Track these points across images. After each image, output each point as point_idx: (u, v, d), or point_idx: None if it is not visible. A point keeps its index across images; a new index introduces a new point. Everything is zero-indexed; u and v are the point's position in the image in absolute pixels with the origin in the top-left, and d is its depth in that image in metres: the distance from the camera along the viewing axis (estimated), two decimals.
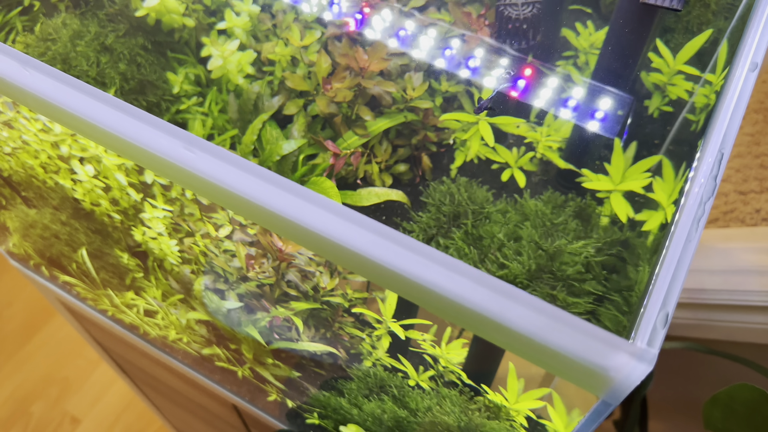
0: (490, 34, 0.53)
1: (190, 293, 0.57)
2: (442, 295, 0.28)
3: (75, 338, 1.75)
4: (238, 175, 0.31)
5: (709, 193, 0.29)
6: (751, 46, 0.35)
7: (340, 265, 0.39)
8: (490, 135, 0.52)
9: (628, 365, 0.25)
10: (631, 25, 0.48)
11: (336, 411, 0.60)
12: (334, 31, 0.53)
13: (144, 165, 0.36)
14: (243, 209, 0.33)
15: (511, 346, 0.28)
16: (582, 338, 0.25)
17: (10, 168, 0.59)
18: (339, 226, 0.30)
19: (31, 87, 0.36)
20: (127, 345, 0.87)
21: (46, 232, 0.65)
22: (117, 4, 0.60)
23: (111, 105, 0.34)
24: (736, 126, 0.31)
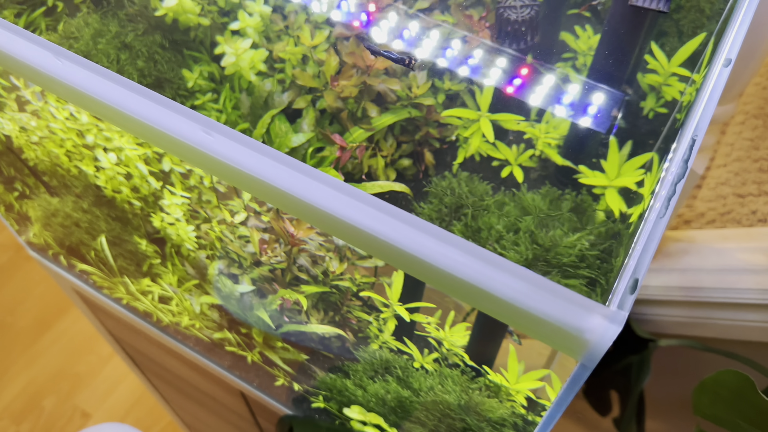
0: (491, 35, 0.56)
1: (204, 278, 0.60)
2: (432, 264, 0.31)
3: (86, 335, 1.79)
4: (253, 156, 0.34)
5: (680, 176, 0.32)
6: (726, 44, 0.38)
7: (342, 238, 0.42)
8: (491, 131, 0.55)
9: (602, 326, 0.28)
10: (623, 27, 0.51)
11: (341, 393, 0.63)
12: (343, 31, 0.56)
13: (165, 149, 0.39)
14: (256, 189, 0.36)
15: (495, 312, 0.30)
16: (560, 302, 0.28)
17: (36, 157, 0.62)
18: (343, 202, 0.33)
19: (63, 76, 0.39)
20: (140, 334, 0.90)
21: (68, 220, 0.69)
22: (136, 5, 0.63)
23: (136, 92, 0.37)
24: (708, 114, 0.34)
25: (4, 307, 1.83)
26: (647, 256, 0.29)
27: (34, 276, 1.88)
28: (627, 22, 0.49)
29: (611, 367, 1.04)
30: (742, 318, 0.85)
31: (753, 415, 0.52)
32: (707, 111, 0.34)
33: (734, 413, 0.54)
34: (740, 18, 0.40)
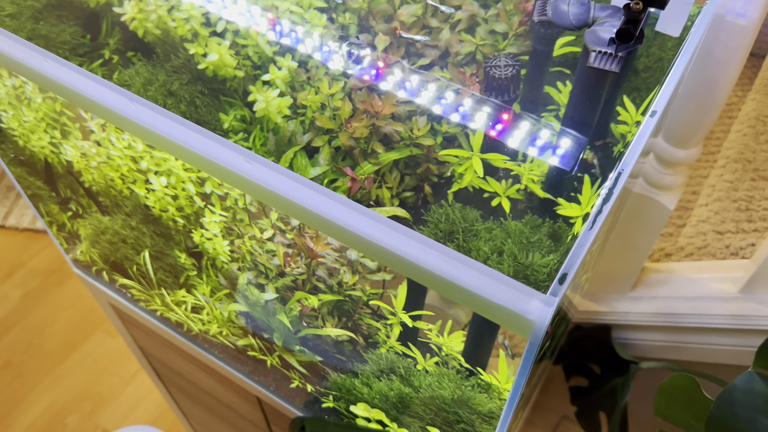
0: (480, 88, 0.67)
1: (234, 287, 0.70)
2: (418, 264, 0.41)
3: (109, 357, 1.89)
4: (284, 180, 0.45)
5: (606, 199, 0.42)
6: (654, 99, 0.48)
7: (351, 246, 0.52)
8: (481, 168, 0.65)
9: (539, 308, 0.37)
10: (587, 83, 0.62)
11: (349, 392, 0.72)
12: (356, 83, 0.67)
13: (214, 174, 0.50)
14: (285, 207, 0.46)
15: (463, 300, 0.40)
16: (510, 291, 0.38)
17: (93, 180, 0.73)
18: (352, 215, 0.43)
19: (136, 117, 0.50)
20: (168, 346, 1.00)
21: (116, 237, 0.80)
22: (181, 59, 0.75)
23: (195, 130, 0.48)
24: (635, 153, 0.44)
25: (33, 329, 1.94)
26: (576, 258, 0.39)
27: (62, 300, 1.99)
28: (590, 80, 0.59)
29: (599, 390, 1.13)
30: (713, 342, 0.94)
31: (700, 412, 0.61)
32: (634, 150, 0.45)
33: (687, 413, 0.63)
34: (667, 78, 0.50)
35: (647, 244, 0.92)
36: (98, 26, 0.75)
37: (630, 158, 0.44)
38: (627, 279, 0.99)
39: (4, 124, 0.79)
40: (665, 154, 0.82)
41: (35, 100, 0.70)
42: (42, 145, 0.77)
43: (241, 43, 0.71)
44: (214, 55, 0.69)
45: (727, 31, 0.67)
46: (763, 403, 0.45)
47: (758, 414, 0.45)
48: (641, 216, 0.88)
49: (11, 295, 2.01)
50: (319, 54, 0.70)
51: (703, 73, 0.72)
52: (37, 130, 0.74)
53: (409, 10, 0.74)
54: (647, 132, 0.46)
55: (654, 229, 0.89)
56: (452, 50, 0.72)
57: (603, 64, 0.55)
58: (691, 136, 0.79)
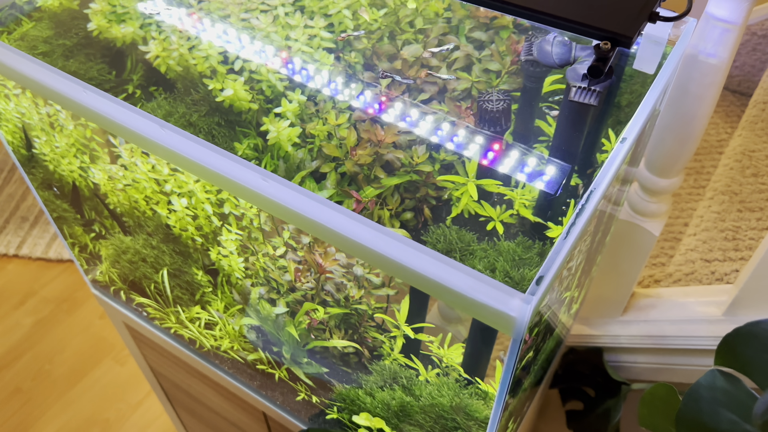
0: (474, 121, 0.74)
1: (247, 302, 0.75)
2: (411, 268, 0.46)
3: (117, 384, 1.93)
4: (298, 197, 0.51)
5: (580, 213, 0.47)
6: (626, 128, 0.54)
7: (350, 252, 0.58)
8: (476, 193, 0.71)
9: (519, 305, 0.43)
10: (571, 115, 0.68)
11: (353, 402, 0.77)
12: (361, 115, 0.74)
13: (233, 192, 0.56)
14: (299, 221, 0.52)
15: (452, 300, 0.46)
16: (494, 291, 0.44)
17: (117, 201, 0.80)
18: (355, 225, 0.49)
19: (166, 142, 0.56)
20: (178, 365, 1.05)
21: (136, 256, 0.86)
22: (200, 93, 0.82)
23: (217, 152, 0.54)
24: (606, 176, 0.50)
25: (43, 356, 1.98)
26: (552, 263, 0.44)
27: (73, 328, 2.04)
28: (573, 113, 0.66)
29: (594, 412, 1.16)
30: (700, 363, 0.98)
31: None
32: (606, 170, 0.50)
33: (666, 420, 0.67)
34: (638, 109, 0.56)
35: (635, 270, 0.97)
36: (123, 63, 0.82)
37: (602, 178, 0.50)
38: (618, 303, 1.04)
39: (36, 150, 0.85)
40: (648, 183, 0.88)
41: (67, 127, 0.77)
42: (71, 169, 0.83)
43: (255, 79, 0.78)
44: (230, 90, 0.75)
45: (700, 69, 0.74)
46: (723, 397, 0.50)
47: (720, 407, 0.50)
48: (628, 242, 0.94)
49: (23, 322, 2.06)
50: (327, 89, 0.77)
51: (680, 108, 0.79)
52: (67, 155, 0.81)
53: (410, 51, 0.81)
54: (618, 155, 0.52)
55: (641, 254, 0.94)
56: (449, 86, 0.78)
57: (582, 98, 0.61)
58: (672, 166, 0.85)
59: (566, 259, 0.48)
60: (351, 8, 0.84)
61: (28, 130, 0.83)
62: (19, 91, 0.78)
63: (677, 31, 0.64)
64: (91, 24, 0.83)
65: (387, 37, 0.83)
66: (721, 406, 0.50)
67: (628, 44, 0.50)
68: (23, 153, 0.89)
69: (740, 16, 0.68)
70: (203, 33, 0.81)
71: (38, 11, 0.83)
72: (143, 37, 0.82)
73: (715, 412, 0.50)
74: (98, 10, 0.84)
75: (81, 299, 2.11)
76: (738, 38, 0.70)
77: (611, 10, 0.51)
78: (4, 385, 1.91)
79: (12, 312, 2.08)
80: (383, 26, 0.83)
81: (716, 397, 0.50)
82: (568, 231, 0.46)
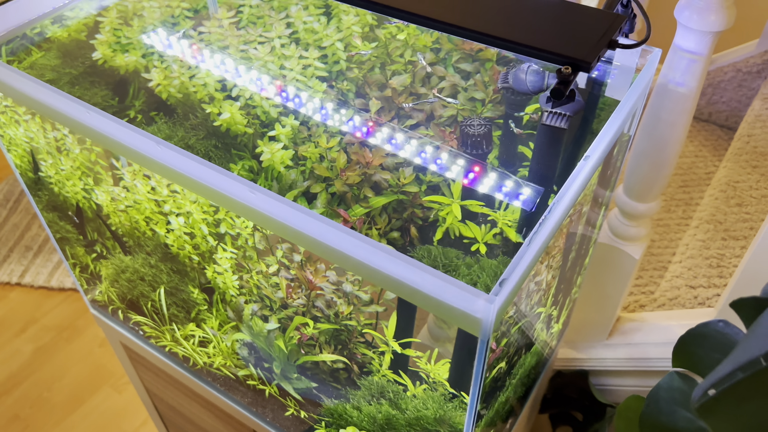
0: (457, 145, 0.78)
1: (240, 318, 0.79)
2: (384, 272, 0.50)
3: (114, 412, 1.94)
4: (284, 209, 0.55)
5: (542, 223, 0.51)
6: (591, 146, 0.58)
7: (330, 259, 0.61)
8: (459, 212, 0.75)
9: (483, 306, 0.46)
10: (546, 139, 0.72)
11: (340, 416, 0.79)
12: (351, 138, 0.78)
13: (223, 204, 0.60)
14: (285, 232, 0.56)
15: (421, 302, 0.49)
16: (461, 292, 0.47)
17: (119, 222, 0.83)
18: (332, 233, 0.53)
19: (162, 158, 0.60)
20: (173, 384, 1.08)
21: (135, 275, 0.89)
22: (199, 118, 0.86)
23: (209, 167, 0.58)
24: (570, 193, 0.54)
25: (43, 383, 2.00)
26: (514, 267, 0.48)
27: (72, 356, 2.06)
28: (546, 136, 0.70)
29: None
30: None
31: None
32: (569, 186, 0.54)
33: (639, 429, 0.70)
34: (602, 130, 0.60)
35: (618, 293, 1.00)
36: (126, 90, 0.87)
37: (564, 192, 0.54)
38: (603, 327, 1.07)
39: (42, 173, 0.90)
40: (627, 208, 0.92)
41: (73, 151, 0.81)
42: (75, 191, 0.87)
43: (251, 105, 0.82)
44: (227, 113, 0.80)
45: (671, 98, 0.78)
46: (680, 396, 0.52)
47: (677, 406, 0.53)
48: (610, 265, 0.97)
49: (23, 350, 2.08)
50: (319, 114, 0.81)
51: (654, 134, 0.83)
52: (72, 177, 0.85)
53: (399, 80, 0.85)
54: (581, 172, 0.56)
55: (623, 277, 0.97)
56: (436, 114, 0.83)
57: (553, 122, 0.65)
58: (649, 191, 0.89)
59: (530, 266, 0.52)
60: (344, 41, 0.89)
61: (35, 154, 0.87)
62: (29, 117, 0.82)
63: (646, 61, 0.69)
64: (97, 53, 0.87)
65: (378, 67, 0.87)
66: (677, 405, 0.53)
67: (588, 69, 0.54)
68: (30, 176, 0.93)
69: (705, 47, 0.73)
70: (203, 63, 0.86)
71: (47, 42, 0.88)
72: (146, 66, 0.87)
73: (672, 412, 0.53)
74: (104, 40, 0.89)
75: (81, 327, 2.14)
76: (704, 68, 0.75)
77: (573, 38, 0.55)
78: (2, 412, 1.93)
79: (13, 339, 2.11)
80: (373, 57, 0.88)
81: (674, 397, 0.53)
82: (531, 239, 0.49)
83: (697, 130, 1.82)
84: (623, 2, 0.62)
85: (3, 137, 0.90)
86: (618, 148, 0.71)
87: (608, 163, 0.71)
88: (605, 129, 0.58)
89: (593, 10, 0.58)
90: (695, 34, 0.72)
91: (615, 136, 0.62)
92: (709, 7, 0.70)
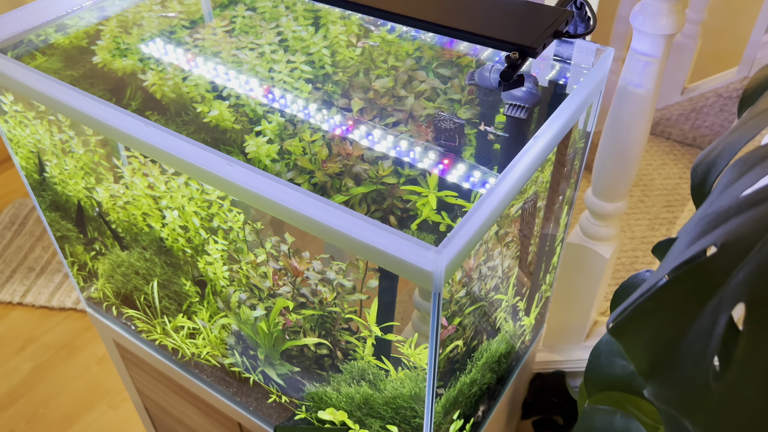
0: (432, 138, 0.83)
1: (229, 306, 0.83)
2: (342, 231, 0.55)
3: (110, 427, 1.96)
4: (258, 179, 0.60)
5: (491, 195, 0.56)
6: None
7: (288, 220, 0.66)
8: (435, 202, 0.80)
9: (433, 258, 0.51)
10: (511, 129, 0.78)
11: (321, 399, 0.83)
12: (332, 134, 0.84)
13: (201, 178, 0.65)
14: (261, 204, 0.61)
15: (375, 258, 0.53)
16: (412, 247, 0.52)
17: (118, 218, 0.89)
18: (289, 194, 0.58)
19: (149, 137, 0.66)
20: (161, 380, 1.11)
21: (130, 269, 0.94)
22: (190, 115, 0.92)
23: (187, 141, 0.64)
24: (516, 168, 0.59)
25: (39, 400, 2.03)
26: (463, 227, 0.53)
27: (69, 374, 2.09)
28: (511, 127, 0.75)
29: None
30: None
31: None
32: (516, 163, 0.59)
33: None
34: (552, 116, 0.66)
35: (591, 293, 1.04)
36: (123, 91, 0.93)
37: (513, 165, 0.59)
38: (579, 328, 1.11)
39: (47, 173, 0.96)
40: (596, 208, 0.97)
41: (77, 151, 0.87)
42: (78, 189, 0.93)
43: (240, 104, 0.89)
44: (216, 110, 0.86)
45: (630, 99, 0.84)
46: (617, 348, 0.56)
47: (615, 357, 0.57)
48: (582, 265, 1.02)
49: (21, 367, 2.11)
50: (304, 113, 0.87)
51: (616, 135, 0.88)
52: (75, 176, 0.91)
53: (381, 83, 0.92)
54: (530, 149, 0.61)
55: (595, 277, 1.02)
56: (416, 114, 0.88)
57: (514, 113, 0.71)
58: (615, 191, 0.94)
59: (479, 230, 0.56)
60: (330, 48, 0.95)
61: (41, 155, 0.93)
62: (37, 121, 0.88)
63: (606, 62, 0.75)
64: (96, 57, 0.94)
65: (362, 72, 0.94)
66: (615, 356, 0.57)
67: (534, 54, 0.60)
68: (35, 177, 0.99)
69: (659, 50, 0.79)
70: (195, 66, 0.93)
71: (50, 48, 0.95)
72: (142, 69, 0.93)
73: (611, 363, 0.57)
74: (104, 46, 0.96)
75: (80, 346, 2.17)
76: (660, 70, 0.81)
77: (524, 29, 0.61)
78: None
79: (12, 357, 2.14)
80: (358, 62, 0.94)
81: (613, 350, 0.57)
82: (480, 203, 0.54)
83: (682, 154, 1.88)
84: (577, 5, 0.69)
85: (12, 141, 0.96)
86: (574, 142, 0.77)
87: (564, 158, 0.76)
88: (555, 114, 0.63)
89: (545, 7, 0.64)
90: (649, 38, 0.78)
91: (567, 124, 0.68)
92: (659, 12, 0.76)
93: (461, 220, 0.53)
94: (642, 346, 0.40)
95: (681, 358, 0.38)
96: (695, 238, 0.40)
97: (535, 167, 0.64)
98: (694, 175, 0.47)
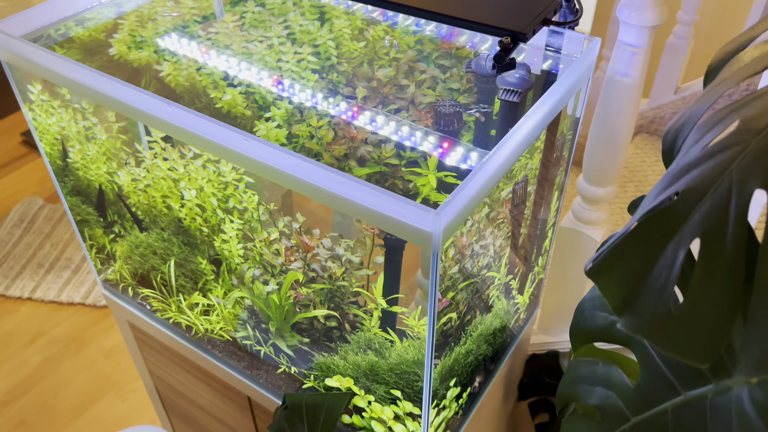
0: (432, 123, 0.89)
1: (243, 283, 0.89)
2: (344, 196, 0.60)
3: (118, 418, 2.01)
4: (275, 153, 0.66)
5: (483, 168, 0.62)
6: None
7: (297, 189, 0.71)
8: (435, 182, 0.85)
9: (432, 220, 0.56)
10: (505, 113, 0.83)
11: (329, 368, 0.88)
12: (338, 118, 0.90)
13: (219, 154, 0.71)
14: (275, 175, 0.67)
15: (376, 222, 0.59)
16: (413, 209, 0.57)
17: (138, 201, 0.94)
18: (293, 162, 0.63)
19: (170, 116, 0.72)
20: (172, 359, 1.17)
21: (148, 249, 1.00)
22: (203, 102, 0.98)
23: (207, 119, 0.69)
24: (507, 144, 0.65)
25: (49, 391, 2.08)
26: (459, 193, 0.58)
27: (79, 365, 2.15)
28: (505, 111, 0.81)
29: (557, 420, 1.26)
30: None
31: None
32: (507, 139, 0.65)
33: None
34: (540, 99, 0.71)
35: (583, 276, 1.10)
36: (139, 81, 0.99)
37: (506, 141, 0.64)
38: (573, 311, 1.16)
39: (70, 159, 1.01)
40: (587, 193, 1.03)
41: (100, 137, 0.93)
42: (99, 174, 0.98)
43: (251, 91, 0.94)
44: (228, 95, 0.92)
45: (617, 88, 0.90)
46: (600, 302, 0.62)
47: (597, 310, 0.62)
48: (574, 249, 1.07)
49: (31, 360, 2.17)
50: (310, 101, 0.93)
51: (605, 123, 0.94)
52: (97, 161, 0.96)
53: (384, 72, 0.98)
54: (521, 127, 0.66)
55: (586, 260, 1.07)
56: (417, 101, 0.94)
57: (508, 97, 0.77)
58: (605, 176, 1.00)
59: (475, 196, 0.62)
60: (336, 40, 1.01)
61: (65, 142, 0.99)
62: (62, 109, 0.94)
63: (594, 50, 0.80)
64: (113, 49, 1.00)
65: (366, 63, 1.00)
66: (597, 309, 0.62)
67: (524, 39, 0.66)
68: (59, 163, 1.05)
69: (644, 41, 0.85)
70: (208, 57, 0.99)
71: (69, 41, 1.01)
72: (157, 60, 0.99)
73: (593, 316, 0.62)
74: (121, 39, 1.02)
75: (88, 339, 2.22)
76: (645, 60, 0.87)
77: (515, 16, 0.67)
78: (9, 418, 2.00)
79: (22, 350, 2.20)
80: (362, 54, 1.00)
81: (595, 304, 0.62)
82: (475, 172, 0.60)
83: None
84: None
85: (38, 129, 1.02)
86: (562, 130, 0.83)
87: (553, 142, 0.82)
88: (546, 95, 0.69)
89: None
90: (634, 29, 0.84)
91: (557, 105, 0.73)
92: (644, 5, 0.82)
93: (459, 185, 0.59)
94: (615, 284, 0.45)
95: (647, 290, 0.43)
96: (662, 189, 0.46)
97: (528, 143, 0.69)
98: (665, 141, 0.52)
